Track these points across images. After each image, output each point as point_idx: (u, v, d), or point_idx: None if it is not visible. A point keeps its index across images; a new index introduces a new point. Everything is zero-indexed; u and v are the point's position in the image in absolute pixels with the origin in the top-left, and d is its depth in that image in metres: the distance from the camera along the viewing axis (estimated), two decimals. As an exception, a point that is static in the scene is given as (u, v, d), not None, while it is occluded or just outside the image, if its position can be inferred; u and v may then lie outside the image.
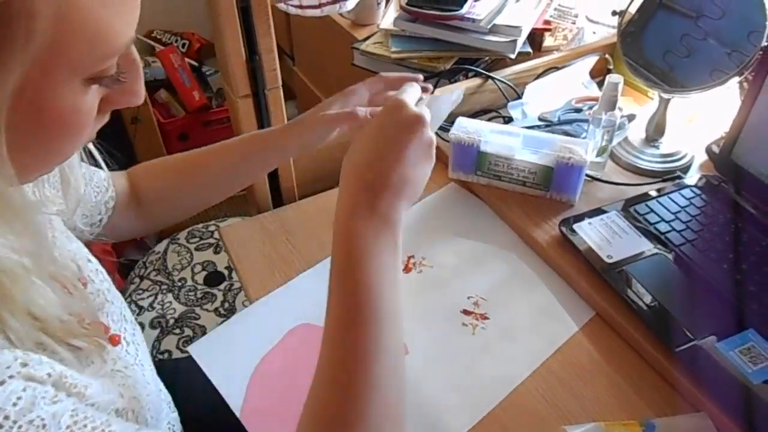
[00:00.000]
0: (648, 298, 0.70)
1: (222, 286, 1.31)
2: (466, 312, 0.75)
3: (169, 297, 1.30)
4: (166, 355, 1.18)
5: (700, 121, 0.97)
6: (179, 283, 1.30)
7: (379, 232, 0.50)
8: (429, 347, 0.71)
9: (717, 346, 0.65)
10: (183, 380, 0.77)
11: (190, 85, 1.88)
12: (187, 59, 1.93)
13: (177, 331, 1.24)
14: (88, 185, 0.68)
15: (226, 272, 1.35)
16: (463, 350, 0.70)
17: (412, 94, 0.59)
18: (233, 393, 0.66)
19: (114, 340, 0.54)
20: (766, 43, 0.77)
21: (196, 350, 0.71)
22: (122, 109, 1.48)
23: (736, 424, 0.59)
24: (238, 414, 0.65)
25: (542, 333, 0.72)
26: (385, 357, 0.46)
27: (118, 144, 0.61)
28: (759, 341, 0.65)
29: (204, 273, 1.33)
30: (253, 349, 0.70)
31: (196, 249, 1.42)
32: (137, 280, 1.38)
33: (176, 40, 2.00)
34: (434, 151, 0.55)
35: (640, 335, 0.68)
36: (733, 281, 0.72)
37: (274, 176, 0.88)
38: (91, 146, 0.59)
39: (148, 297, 1.30)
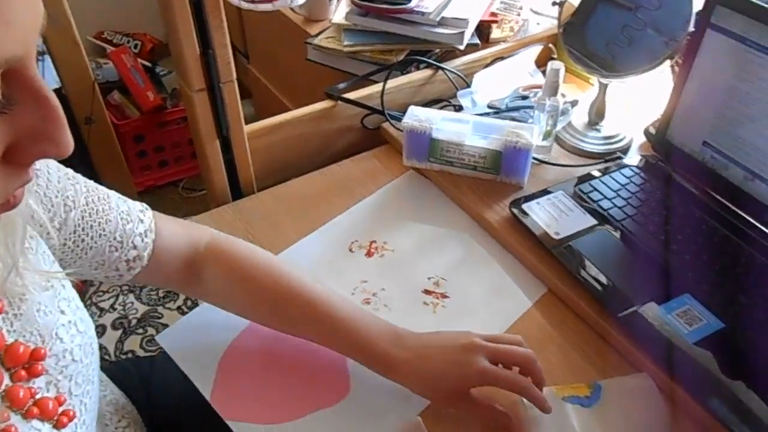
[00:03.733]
0: (593, 270, 0.75)
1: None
2: (427, 292, 0.78)
3: (131, 297, 1.30)
4: (129, 356, 1.18)
5: (640, 105, 1.02)
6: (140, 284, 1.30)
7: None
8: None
9: (656, 310, 0.70)
10: (157, 376, 0.78)
11: (144, 85, 1.86)
12: (139, 60, 1.91)
13: (140, 330, 1.24)
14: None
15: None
16: (425, 328, 0.73)
17: None
18: (203, 378, 0.68)
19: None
20: (692, 29, 0.83)
21: (163, 339, 0.72)
22: (75, 109, 1.44)
23: (674, 381, 0.64)
24: (208, 398, 0.66)
25: (498, 309, 0.76)
26: None
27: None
28: (694, 304, 0.70)
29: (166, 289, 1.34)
30: (221, 334, 0.72)
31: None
32: (97, 281, 1.37)
33: (128, 41, 1.98)
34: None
35: (586, 305, 0.73)
36: (670, 251, 0.77)
37: (232, 168, 0.90)
38: None
39: (109, 298, 1.29)
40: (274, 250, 0.82)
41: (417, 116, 0.89)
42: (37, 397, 0.46)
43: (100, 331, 1.20)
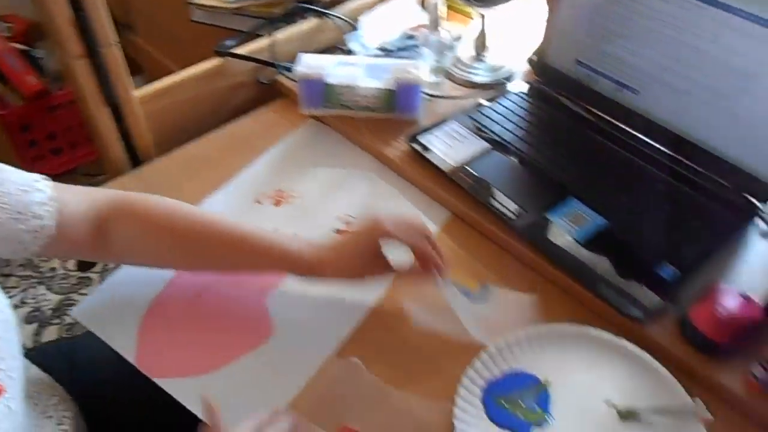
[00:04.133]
0: (491, 190, 0.80)
1: (97, 268, 1.28)
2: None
3: (41, 289, 1.25)
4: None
5: (522, 36, 1.08)
6: (49, 274, 1.25)
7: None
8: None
9: (547, 215, 0.76)
10: (81, 354, 0.77)
11: (21, 70, 1.74)
12: (13, 44, 1.78)
13: (56, 321, 1.20)
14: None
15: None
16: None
17: None
18: (125, 344, 0.68)
19: None
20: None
21: (79, 313, 0.71)
22: None
23: (566, 274, 0.71)
24: (133, 362, 0.67)
25: (406, 237, 0.79)
26: None
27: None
28: (580, 207, 0.77)
29: (74, 259, 1.29)
30: (138, 299, 0.72)
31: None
32: (1, 278, 1.31)
33: (-4, 25, 1.84)
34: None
35: (487, 222, 0.78)
36: (556, 163, 0.83)
37: (127, 137, 0.88)
38: None
39: (17, 293, 1.24)
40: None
41: (308, 63, 0.90)
42: None
43: (14, 328, 1.15)
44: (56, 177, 0.65)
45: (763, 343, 0.59)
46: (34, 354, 0.75)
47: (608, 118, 0.88)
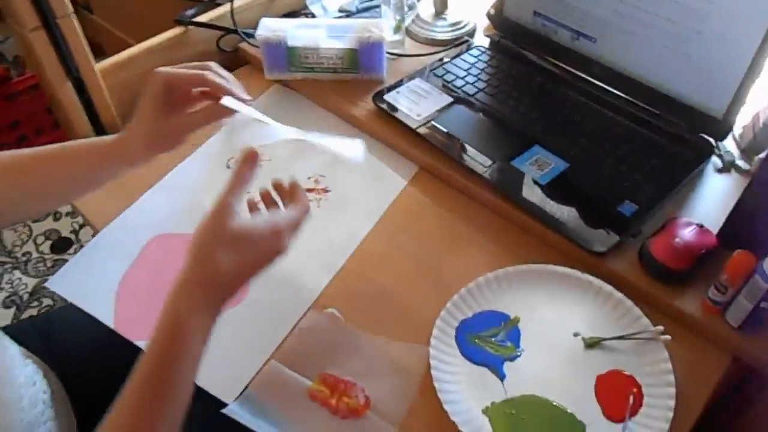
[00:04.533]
0: (456, 141, 0.81)
1: (72, 250, 1.27)
2: (309, 190, 0.82)
3: (17, 274, 1.24)
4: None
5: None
6: (24, 258, 1.24)
7: (206, 328, 0.52)
8: (280, 228, 0.77)
9: (512, 162, 0.78)
10: (57, 326, 0.77)
11: (-22, 56, 1.70)
12: (-35, 30, 1.74)
13: (35, 303, 1.20)
14: None
15: (72, 236, 1.30)
16: (312, 221, 0.78)
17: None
18: (102, 310, 0.69)
19: None
20: None
21: (55, 283, 0.72)
22: None
23: (531, 217, 0.73)
24: (112, 326, 0.68)
25: (376, 193, 0.81)
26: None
27: None
28: (543, 153, 0.79)
29: (49, 242, 1.28)
30: (114, 267, 0.73)
31: (34, 221, 1.35)
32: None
33: (-53, 10, 1.79)
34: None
35: (454, 172, 0.80)
36: (519, 113, 0.85)
37: (91, 110, 0.87)
38: None
39: (-8, 279, 1.23)
40: (153, 178, 0.83)
41: (270, 27, 0.90)
42: None
43: (-9, 314, 1.15)
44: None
45: (717, 270, 0.62)
46: (10, 329, 0.76)
47: (567, 67, 0.90)
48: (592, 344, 0.63)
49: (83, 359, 0.74)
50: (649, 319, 0.64)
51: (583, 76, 0.89)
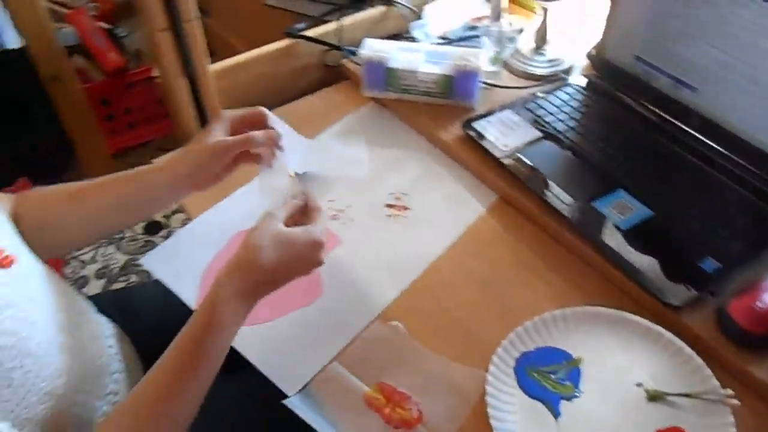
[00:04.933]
0: (540, 176, 0.82)
1: (162, 233, 1.37)
2: (389, 206, 0.85)
3: (111, 249, 1.34)
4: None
5: (584, 32, 1.09)
6: (119, 235, 1.35)
7: (238, 313, 0.58)
8: (360, 238, 0.80)
9: (594, 204, 0.78)
10: (133, 304, 0.83)
11: (105, 47, 1.86)
12: (99, 23, 1.91)
13: (123, 278, 1.29)
14: None
15: (163, 220, 1.40)
16: (388, 236, 0.81)
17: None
18: (187, 292, 0.74)
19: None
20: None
21: (148, 261, 0.78)
22: (40, 68, 1.44)
23: (606, 260, 0.73)
24: (193, 307, 0.73)
25: (454, 216, 0.83)
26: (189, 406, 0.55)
27: (36, 103, 0.57)
28: (627, 198, 0.79)
29: (143, 223, 1.39)
30: (203, 253, 0.78)
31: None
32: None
33: (85, 3, 1.97)
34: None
35: (534, 206, 0.81)
36: (606, 155, 0.85)
37: (200, 108, 0.95)
38: None
39: (89, 251, 1.34)
40: (244, 180, 0.88)
41: (373, 48, 0.94)
42: None
43: (83, 282, 1.25)
44: (131, 149, 0.70)
45: (800, 340, 0.60)
46: (90, 299, 0.82)
47: (663, 114, 0.89)
48: (654, 397, 0.62)
49: (155, 330, 0.79)
50: (718, 381, 0.62)
51: (679, 124, 0.87)
